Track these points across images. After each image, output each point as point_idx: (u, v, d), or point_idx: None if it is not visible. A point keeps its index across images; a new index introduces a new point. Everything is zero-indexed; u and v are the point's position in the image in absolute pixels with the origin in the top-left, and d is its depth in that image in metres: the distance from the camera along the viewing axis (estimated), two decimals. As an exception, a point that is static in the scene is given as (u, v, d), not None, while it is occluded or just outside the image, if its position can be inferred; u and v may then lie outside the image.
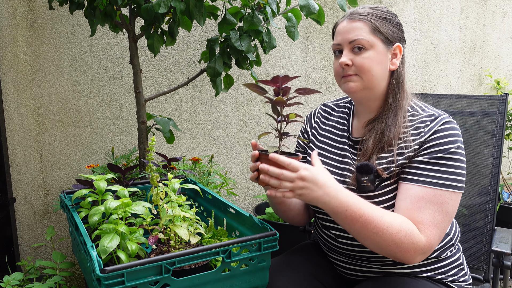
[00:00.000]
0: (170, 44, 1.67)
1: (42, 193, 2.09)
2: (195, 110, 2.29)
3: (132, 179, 1.42)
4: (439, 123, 1.08)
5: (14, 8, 1.93)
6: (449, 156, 1.04)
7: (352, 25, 1.11)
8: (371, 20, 1.11)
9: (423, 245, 1.01)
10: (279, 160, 0.96)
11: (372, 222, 0.99)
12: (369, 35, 1.10)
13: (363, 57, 1.10)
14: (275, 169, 0.97)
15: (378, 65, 1.11)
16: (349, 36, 1.11)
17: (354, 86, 1.12)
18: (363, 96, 1.16)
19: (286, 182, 0.97)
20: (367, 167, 1.07)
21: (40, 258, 2.13)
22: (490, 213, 1.49)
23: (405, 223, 1.01)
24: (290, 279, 1.18)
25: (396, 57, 1.14)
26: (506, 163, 3.04)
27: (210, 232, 1.29)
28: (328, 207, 1.00)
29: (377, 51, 1.11)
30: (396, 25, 1.14)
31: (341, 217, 1.01)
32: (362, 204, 1.01)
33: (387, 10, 1.16)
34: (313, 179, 0.98)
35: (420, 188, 1.04)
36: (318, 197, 0.99)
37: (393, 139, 1.09)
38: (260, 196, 2.51)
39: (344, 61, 1.11)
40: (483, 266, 1.47)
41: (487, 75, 3.03)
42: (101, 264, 0.89)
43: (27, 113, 2.01)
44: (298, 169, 0.96)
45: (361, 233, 1.01)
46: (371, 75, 1.11)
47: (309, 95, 2.53)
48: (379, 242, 1.00)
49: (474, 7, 2.92)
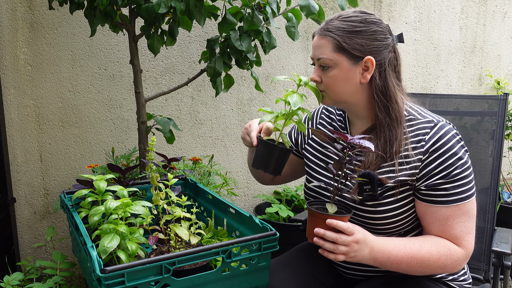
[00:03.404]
0: (170, 44, 1.67)
1: (42, 193, 2.09)
2: (195, 110, 2.29)
3: (132, 179, 1.42)
4: (439, 131, 1.07)
5: (14, 8, 1.93)
6: (463, 168, 1.06)
7: (320, 41, 1.11)
8: (335, 37, 1.07)
9: (464, 256, 1.07)
10: (337, 225, 0.97)
11: (414, 258, 1.03)
12: (332, 54, 1.08)
13: (327, 76, 1.11)
14: (331, 233, 0.97)
15: (343, 82, 1.10)
16: (316, 53, 1.12)
17: (325, 101, 1.16)
18: (344, 107, 1.18)
19: (341, 246, 0.97)
20: (369, 176, 1.07)
21: (40, 258, 2.13)
22: (490, 213, 1.49)
23: (442, 246, 1.05)
24: (290, 279, 1.18)
25: (367, 70, 1.09)
26: (506, 163, 3.04)
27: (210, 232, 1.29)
28: (374, 262, 1.03)
29: (342, 69, 1.09)
30: (370, 36, 1.08)
31: (387, 264, 1.03)
32: (399, 244, 1.04)
33: (361, 19, 1.09)
34: (365, 240, 1.00)
35: (446, 208, 1.06)
36: (365, 256, 1.01)
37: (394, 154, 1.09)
38: (260, 196, 2.51)
39: (313, 77, 1.14)
40: (483, 266, 1.47)
41: (487, 75, 3.03)
42: (101, 264, 0.89)
43: (27, 113, 2.01)
44: (353, 232, 0.97)
45: (408, 270, 1.04)
46: (336, 92, 1.12)
47: (309, 95, 2.53)
48: (425, 272, 1.05)
49: (474, 7, 2.92)
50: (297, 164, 1.40)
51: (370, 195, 1.07)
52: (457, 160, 1.05)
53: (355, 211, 1.12)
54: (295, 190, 2.53)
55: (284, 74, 2.45)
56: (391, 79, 1.11)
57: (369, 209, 1.10)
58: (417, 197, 1.10)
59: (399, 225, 1.11)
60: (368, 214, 1.10)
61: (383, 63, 1.10)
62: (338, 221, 0.97)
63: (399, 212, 1.09)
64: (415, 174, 1.07)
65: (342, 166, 1.03)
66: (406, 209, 1.10)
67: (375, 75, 1.10)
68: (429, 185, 1.06)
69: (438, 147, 1.06)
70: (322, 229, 0.98)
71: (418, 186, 1.08)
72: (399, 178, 1.07)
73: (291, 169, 1.40)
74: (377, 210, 1.09)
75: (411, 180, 1.08)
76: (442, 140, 1.06)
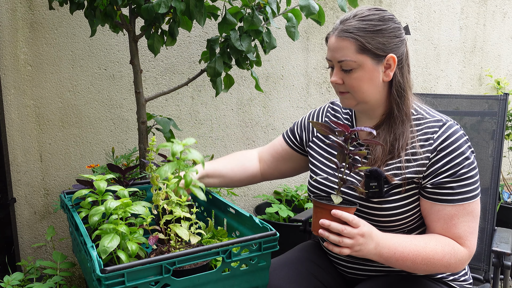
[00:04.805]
0: (170, 44, 1.67)
1: (42, 193, 2.09)
2: (195, 110, 2.29)
3: (132, 179, 1.42)
4: (447, 130, 1.08)
5: (14, 8, 1.93)
6: (470, 168, 1.06)
7: (340, 44, 1.07)
8: (358, 38, 1.05)
9: (467, 255, 1.07)
10: (342, 216, 0.96)
11: (419, 255, 1.03)
12: (356, 55, 1.06)
13: (351, 77, 1.08)
14: (337, 224, 0.96)
15: (368, 82, 1.09)
16: (337, 55, 1.09)
17: (349, 102, 1.14)
18: (362, 108, 1.16)
19: (346, 239, 0.96)
20: (376, 173, 1.07)
21: (40, 258, 2.13)
22: (490, 213, 1.49)
23: (447, 245, 1.05)
24: (290, 278, 1.18)
25: (389, 68, 1.10)
26: (507, 163, 3.04)
27: (210, 232, 1.29)
28: (379, 257, 1.02)
29: (366, 69, 1.08)
30: (390, 33, 1.08)
31: (392, 261, 1.03)
32: (405, 241, 1.04)
33: (378, 17, 1.08)
34: (370, 234, 0.99)
35: (451, 207, 1.06)
36: (370, 250, 1.00)
37: (401, 149, 1.09)
38: (260, 196, 2.51)
39: (334, 80, 1.11)
40: (483, 266, 1.47)
41: (487, 75, 3.04)
42: (101, 264, 0.89)
43: (27, 113, 2.01)
44: (359, 225, 0.97)
45: (412, 267, 1.04)
46: (362, 92, 1.10)
47: (309, 95, 2.53)
48: (429, 270, 1.05)
49: (474, 7, 2.92)
50: (298, 161, 1.39)
51: (376, 192, 1.08)
52: (464, 159, 1.05)
53: (361, 207, 1.12)
54: (295, 190, 2.53)
55: (284, 74, 2.45)
56: (406, 74, 1.13)
57: (374, 206, 1.10)
58: (422, 195, 1.10)
59: (404, 223, 1.11)
60: (373, 211, 1.10)
61: (401, 59, 1.11)
62: (344, 212, 0.96)
63: (404, 210, 1.09)
64: (422, 172, 1.08)
65: (346, 157, 1.03)
66: (411, 207, 1.10)
67: (396, 72, 1.11)
68: (436, 183, 1.06)
69: (446, 146, 1.06)
70: (327, 220, 0.97)
71: (424, 184, 1.08)
72: (406, 175, 1.08)
73: (292, 166, 1.40)
74: (382, 207, 1.09)
75: (418, 178, 1.08)
76: (450, 139, 1.07)
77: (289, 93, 2.49)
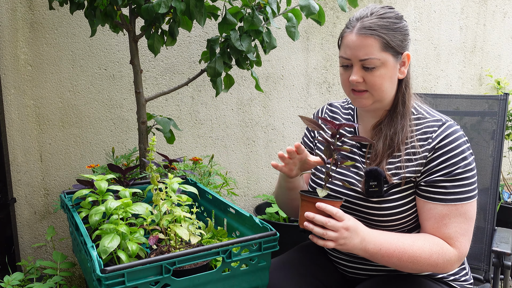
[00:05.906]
0: (171, 44, 1.67)
1: (43, 193, 2.09)
2: (195, 110, 2.29)
3: (132, 179, 1.42)
4: (447, 130, 1.08)
5: (14, 8, 1.93)
6: (466, 169, 1.05)
7: (363, 41, 1.05)
8: (383, 36, 1.04)
9: (456, 257, 1.05)
10: (326, 209, 0.96)
11: (405, 253, 1.02)
12: (381, 53, 1.05)
13: (374, 75, 1.07)
14: (321, 217, 0.96)
15: (389, 79, 1.09)
16: (359, 53, 1.06)
17: (366, 102, 1.11)
18: (373, 107, 1.15)
19: (330, 232, 0.96)
20: (376, 172, 1.07)
21: (40, 258, 2.13)
22: (490, 213, 1.49)
23: (435, 244, 1.04)
24: (291, 278, 1.18)
25: (404, 65, 1.11)
26: (507, 163, 3.04)
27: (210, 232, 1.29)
28: (365, 252, 1.02)
29: (388, 67, 1.07)
30: (405, 31, 1.09)
31: (378, 257, 1.02)
32: (392, 238, 1.03)
33: (394, 15, 1.09)
34: (356, 229, 0.99)
35: (443, 206, 1.06)
36: (355, 245, 1.00)
37: (400, 144, 1.09)
38: (260, 196, 2.51)
39: (355, 79, 1.07)
40: (483, 266, 1.47)
41: (487, 75, 3.03)
42: (101, 264, 0.89)
43: (28, 113, 2.01)
44: (343, 218, 0.97)
45: (399, 265, 1.03)
46: (382, 91, 1.09)
47: (309, 95, 2.53)
48: (416, 268, 1.04)
49: (474, 7, 2.92)
50: None
51: (376, 191, 1.08)
52: (461, 160, 1.05)
53: (360, 207, 1.13)
54: (295, 190, 2.53)
55: (284, 74, 2.45)
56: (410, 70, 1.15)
57: (373, 205, 1.10)
58: (416, 193, 1.10)
59: (402, 222, 1.11)
60: (372, 210, 1.11)
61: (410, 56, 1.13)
62: (328, 204, 0.96)
63: (403, 210, 1.09)
64: (420, 171, 1.08)
65: (332, 153, 1.03)
66: (409, 206, 1.10)
67: (408, 68, 1.13)
68: (429, 181, 1.06)
69: (444, 145, 1.06)
70: (312, 212, 0.97)
71: (419, 181, 1.08)
72: (405, 174, 1.08)
73: None
74: (381, 207, 1.09)
75: (415, 177, 1.08)
76: (448, 139, 1.07)
77: (289, 93, 2.49)
